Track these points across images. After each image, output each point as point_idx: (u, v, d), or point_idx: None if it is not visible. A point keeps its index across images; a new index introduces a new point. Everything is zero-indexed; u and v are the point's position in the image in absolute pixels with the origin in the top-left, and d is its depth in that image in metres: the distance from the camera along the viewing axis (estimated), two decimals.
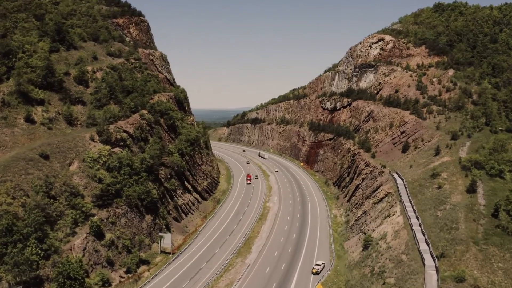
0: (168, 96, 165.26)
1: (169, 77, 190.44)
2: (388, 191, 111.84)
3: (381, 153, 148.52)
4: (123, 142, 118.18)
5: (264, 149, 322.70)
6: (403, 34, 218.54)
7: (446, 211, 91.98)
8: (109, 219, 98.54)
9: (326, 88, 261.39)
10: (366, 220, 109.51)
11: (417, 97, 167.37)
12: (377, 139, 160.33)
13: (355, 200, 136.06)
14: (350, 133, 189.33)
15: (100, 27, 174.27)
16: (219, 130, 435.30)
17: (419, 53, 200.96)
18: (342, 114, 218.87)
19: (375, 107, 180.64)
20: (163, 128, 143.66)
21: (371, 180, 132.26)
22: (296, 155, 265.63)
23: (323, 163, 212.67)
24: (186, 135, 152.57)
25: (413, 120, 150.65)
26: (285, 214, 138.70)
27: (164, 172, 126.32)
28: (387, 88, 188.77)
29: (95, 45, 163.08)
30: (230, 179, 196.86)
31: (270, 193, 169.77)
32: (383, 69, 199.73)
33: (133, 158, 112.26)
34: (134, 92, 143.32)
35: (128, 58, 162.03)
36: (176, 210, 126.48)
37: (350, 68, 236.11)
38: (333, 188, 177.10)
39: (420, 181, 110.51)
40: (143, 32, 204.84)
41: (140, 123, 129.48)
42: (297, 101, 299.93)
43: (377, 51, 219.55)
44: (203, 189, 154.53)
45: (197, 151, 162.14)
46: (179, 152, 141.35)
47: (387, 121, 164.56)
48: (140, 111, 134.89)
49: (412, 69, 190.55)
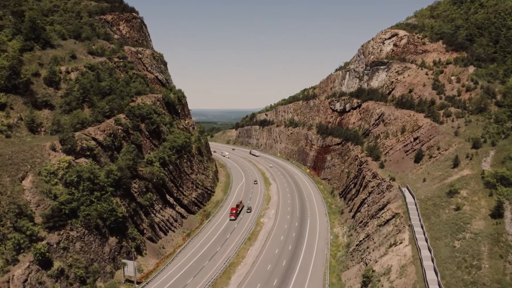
0: (155, 98, 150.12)
1: (161, 77, 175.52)
2: (396, 211, 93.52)
3: (391, 163, 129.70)
4: (89, 151, 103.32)
5: (271, 152, 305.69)
6: (419, 28, 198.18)
7: (466, 241, 73.54)
8: (60, 244, 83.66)
9: (336, 88, 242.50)
10: (368, 247, 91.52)
11: (433, 97, 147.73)
12: (387, 146, 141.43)
13: (360, 217, 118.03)
14: (359, 138, 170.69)
15: (84, 24, 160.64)
16: (227, 132, 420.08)
17: (436, 49, 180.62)
18: (352, 116, 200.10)
19: (386, 109, 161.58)
20: (143, 134, 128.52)
21: (378, 195, 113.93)
22: (304, 160, 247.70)
23: (330, 170, 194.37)
24: (171, 142, 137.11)
25: (428, 124, 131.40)
26: (279, 232, 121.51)
27: (138, 186, 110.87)
28: (400, 87, 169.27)
29: (75, 43, 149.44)
30: (227, 188, 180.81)
31: (267, 205, 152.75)
32: (396, 66, 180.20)
33: (97, 171, 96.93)
34: (112, 94, 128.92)
35: (111, 56, 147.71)
36: (152, 228, 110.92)
37: (361, 67, 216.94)
38: (339, 200, 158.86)
39: (434, 199, 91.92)
40: (135, 29, 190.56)
41: (114, 129, 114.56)
42: (306, 102, 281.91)
43: (390, 48, 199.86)
44: (191, 202, 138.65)
45: (185, 159, 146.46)
46: (161, 161, 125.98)
47: (399, 125, 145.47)
48: (116, 115, 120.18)
49: (428, 66, 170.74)
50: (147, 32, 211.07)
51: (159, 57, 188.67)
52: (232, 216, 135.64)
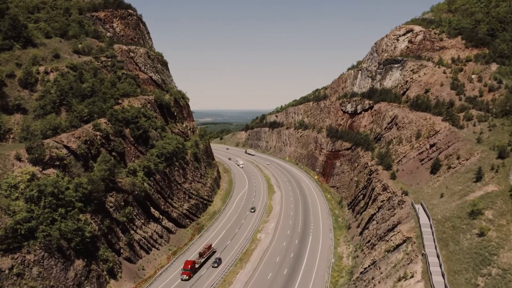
0: (146, 100, 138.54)
1: (156, 77, 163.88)
2: (408, 235, 79.07)
3: (404, 173, 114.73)
4: (59, 161, 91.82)
5: (280, 156, 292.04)
6: (435, 23, 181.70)
7: (492, 278, 59.07)
8: (14, 270, 71.98)
9: (348, 88, 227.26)
10: (374, 277, 77.28)
11: (451, 98, 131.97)
12: (400, 153, 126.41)
13: (368, 236, 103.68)
14: (369, 143, 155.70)
15: (72, 21, 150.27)
16: (237, 134, 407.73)
17: (455, 45, 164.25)
18: (363, 119, 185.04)
19: (400, 111, 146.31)
20: (128, 140, 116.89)
21: (388, 211, 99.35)
22: (313, 165, 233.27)
23: (339, 177, 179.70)
24: (160, 148, 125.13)
25: (446, 129, 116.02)
26: (276, 252, 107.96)
27: (115, 199, 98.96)
28: (415, 87, 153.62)
29: (61, 42, 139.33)
30: (227, 197, 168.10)
31: (267, 218, 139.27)
32: (411, 64, 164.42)
33: (63, 184, 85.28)
34: (94, 96, 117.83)
35: (97, 55, 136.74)
36: (131, 247, 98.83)
37: (374, 65, 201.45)
38: (347, 212, 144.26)
39: (453, 220, 77.21)
40: (131, 27, 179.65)
41: (91, 135, 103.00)
42: (317, 103, 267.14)
43: (405, 44, 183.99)
44: (181, 215, 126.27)
45: (177, 166, 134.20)
46: (146, 170, 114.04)
47: (413, 130, 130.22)
48: (95, 120, 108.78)
49: (446, 64, 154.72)
50: (146, 30, 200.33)
51: (156, 56, 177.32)
52: (185, 275, 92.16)
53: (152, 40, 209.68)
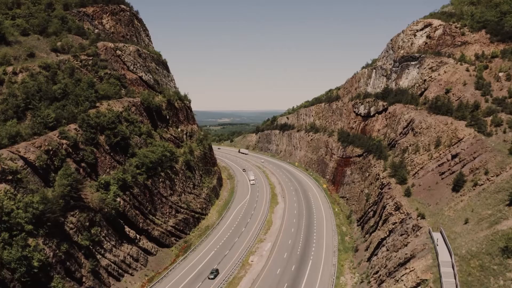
0: (130, 102, 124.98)
1: (147, 77, 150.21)
2: (423, 276, 62.48)
3: (421, 189, 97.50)
4: (12, 175, 78.41)
5: (290, 160, 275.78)
6: (456, 17, 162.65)
7: None
8: None
9: (361, 89, 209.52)
10: None
11: (476, 100, 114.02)
12: (417, 164, 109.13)
13: (376, 264, 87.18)
14: (382, 150, 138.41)
15: (54, 17, 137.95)
16: (248, 136, 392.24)
17: (478, 40, 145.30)
18: (376, 122, 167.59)
19: (417, 115, 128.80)
20: (102, 149, 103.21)
21: (401, 237, 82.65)
22: (323, 171, 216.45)
23: (349, 187, 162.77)
24: (142, 157, 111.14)
25: (471, 136, 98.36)
26: (267, 282, 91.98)
27: (77, 219, 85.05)
28: (434, 87, 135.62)
29: (39, 39, 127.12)
30: (225, 208, 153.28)
31: (265, 235, 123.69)
32: (429, 62, 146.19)
33: (8, 204, 71.81)
34: (65, 99, 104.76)
35: (77, 54, 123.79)
36: (95, 275, 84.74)
37: (389, 63, 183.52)
38: (356, 229, 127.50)
39: (482, 257, 60.41)
40: (123, 23, 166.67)
41: (54, 144, 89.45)
42: (329, 104, 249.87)
43: (423, 40, 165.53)
44: (165, 232, 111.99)
45: (163, 177, 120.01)
46: (121, 184, 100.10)
47: (432, 136, 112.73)
48: (63, 126, 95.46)
49: (469, 61, 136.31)
50: (142, 27, 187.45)
51: (150, 55, 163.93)
52: None
53: (150, 38, 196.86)
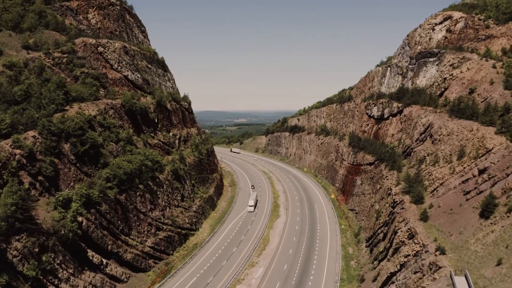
0: (108, 105, 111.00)
1: (133, 76, 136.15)
2: None
3: (440, 211, 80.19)
4: None
5: (299, 165, 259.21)
6: (479, 8, 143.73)
7: None
8: None
9: (375, 88, 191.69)
10: None
11: (507, 101, 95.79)
12: (436, 178, 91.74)
13: None
14: (396, 159, 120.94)
15: (31, 11, 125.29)
16: (258, 139, 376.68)
17: (505, 33, 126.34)
18: (390, 125, 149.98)
19: (436, 118, 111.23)
20: (66, 159, 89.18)
21: (414, 276, 65.89)
22: (333, 178, 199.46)
23: (359, 199, 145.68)
24: (114, 169, 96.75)
25: (502, 146, 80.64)
26: None
27: (23, 245, 70.88)
28: (456, 86, 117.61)
29: (10, 35, 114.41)
30: (220, 222, 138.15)
31: (258, 257, 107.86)
32: (450, 58, 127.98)
33: None
34: (26, 102, 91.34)
35: (49, 51, 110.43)
36: None
37: (406, 60, 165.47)
38: (364, 251, 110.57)
39: None
40: (112, 18, 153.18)
41: (3, 155, 75.68)
42: (341, 105, 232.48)
43: (442, 34, 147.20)
44: (142, 254, 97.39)
45: (141, 190, 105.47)
46: (86, 200, 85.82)
47: (454, 145, 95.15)
48: (19, 133, 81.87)
49: (495, 57, 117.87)
50: (136, 23, 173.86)
51: (140, 52, 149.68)
52: None
53: (147, 35, 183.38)
